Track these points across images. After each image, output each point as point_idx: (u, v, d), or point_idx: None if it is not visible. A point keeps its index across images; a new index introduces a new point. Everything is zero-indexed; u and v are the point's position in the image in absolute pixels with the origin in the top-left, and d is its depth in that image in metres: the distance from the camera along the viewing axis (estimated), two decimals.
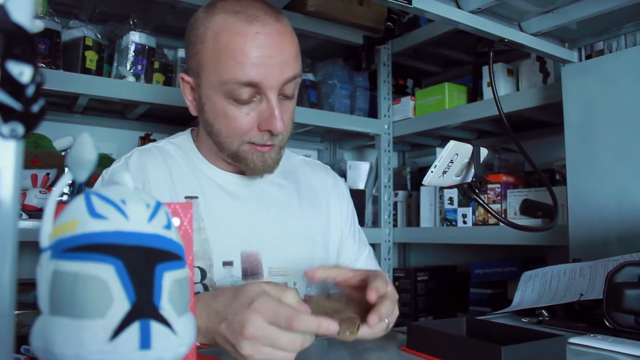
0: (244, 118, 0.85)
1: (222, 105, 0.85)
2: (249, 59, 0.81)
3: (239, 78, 0.82)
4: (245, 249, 0.92)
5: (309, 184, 1.06)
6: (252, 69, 0.81)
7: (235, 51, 0.82)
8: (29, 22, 0.33)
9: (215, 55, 0.83)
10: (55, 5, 1.46)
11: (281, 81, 0.84)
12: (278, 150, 0.91)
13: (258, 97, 0.84)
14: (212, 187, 0.94)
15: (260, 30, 0.82)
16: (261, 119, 0.85)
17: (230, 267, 0.90)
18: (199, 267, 0.88)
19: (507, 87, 1.65)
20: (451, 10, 1.02)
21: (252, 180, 0.98)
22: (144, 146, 0.99)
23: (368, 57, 1.91)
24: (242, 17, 0.83)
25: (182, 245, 0.44)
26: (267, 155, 0.89)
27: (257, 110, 0.85)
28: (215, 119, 0.88)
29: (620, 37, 1.22)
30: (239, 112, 0.85)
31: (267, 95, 0.84)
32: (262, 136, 0.87)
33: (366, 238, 1.14)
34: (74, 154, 0.40)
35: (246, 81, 0.82)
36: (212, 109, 0.87)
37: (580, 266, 1.01)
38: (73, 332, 0.36)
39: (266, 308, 0.59)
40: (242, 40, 0.81)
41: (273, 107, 0.84)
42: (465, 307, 1.89)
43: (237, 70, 0.82)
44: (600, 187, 1.22)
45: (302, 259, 0.96)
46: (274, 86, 0.83)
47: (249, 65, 0.81)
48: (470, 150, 0.89)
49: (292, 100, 0.90)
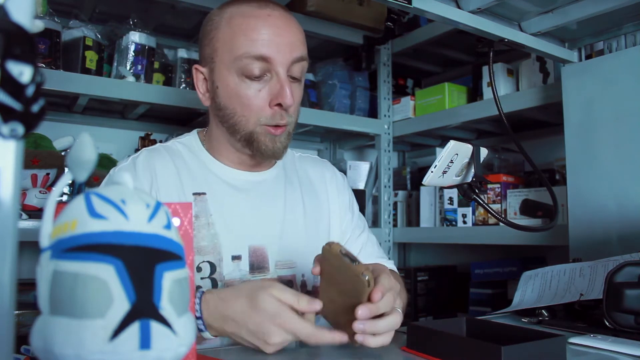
0: (257, 95, 0.89)
1: (235, 83, 0.90)
2: (261, 35, 0.87)
3: (251, 52, 0.87)
4: (253, 243, 0.94)
5: (308, 178, 1.08)
6: (264, 45, 0.87)
7: (248, 30, 0.88)
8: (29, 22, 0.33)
9: (230, 35, 0.89)
10: (55, 5, 1.45)
11: (290, 59, 0.89)
12: (287, 136, 0.94)
13: (269, 74, 0.89)
14: (219, 183, 0.96)
15: (271, 13, 0.89)
16: (272, 94, 0.89)
17: (238, 261, 0.92)
18: (208, 262, 0.90)
19: (507, 87, 1.65)
20: (451, 10, 1.02)
21: (257, 176, 1.00)
22: (152, 146, 1.01)
23: (368, 57, 1.91)
24: (254, 3, 0.90)
25: (182, 245, 0.44)
26: (277, 138, 0.92)
27: (268, 86, 0.90)
28: (229, 100, 0.91)
29: (620, 37, 1.22)
30: (251, 89, 0.89)
31: (277, 71, 0.88)
32: (273, 114, 0.90)
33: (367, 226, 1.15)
34: (74, 154, 0.40)
35: (258, 55, 0.87)
36: (225, 90, 0.91)
37: (580, 266, 1.01)
38: (73, 332, 0.36)
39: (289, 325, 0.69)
40: (254, 21, 0.88)
41: (283, 81, 0.88)
42: (465, 307, 1.89)
43: (250, 46, 0.87)
44: (600, 187, 1.22)
45: (307, 252, 0.97)
46: (284, 62, 0.88)
47: (261, 41, 0.87)
48: (470, 150, 0.89)
49: (300, 84, 0.95)
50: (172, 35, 1.77)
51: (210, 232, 0.91)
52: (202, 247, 0.90)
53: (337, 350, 0.77)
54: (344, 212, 1.09)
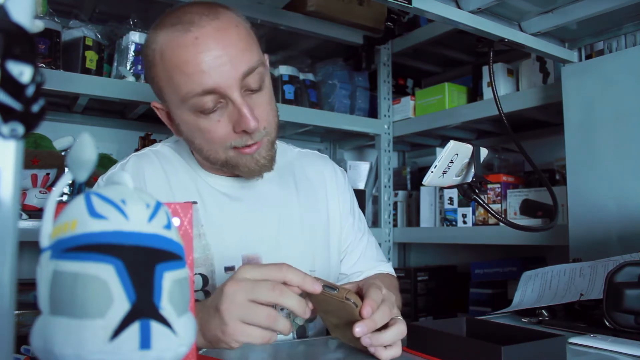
0: (217, 126, 0.82)
1: (192, 120, 0.83)
2: (197, 66, 0.78)
3: (194, 90, 0.79)
4: (246, 253, 0.91)
5: (306, 177, 1.05)
6: (204, 76, 0.78)
7: (181, 64, 0.79)
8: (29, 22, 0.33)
9: (166, 74, 0.82)
10: (55, 5, 1.45)
11: (237, 77, 0.80)
12: (269, 147, 0.88)
13: (222, 101, 0.81)
14: (210, 191, 0.94)
15: (199, 35, 0.78)
16: (233, 121, 0.82)
17: (232, 272, 0.88)
18: (200, 274, 0.87)
19: (507, 87, 1.65)
20: (451, 10, 1.02)
21: (249, 181, 0.96)
22: (141, 151, 0.98)
23: (368, 57, 1.91)
24: (179, 27, 0.79)
25: (182, 245, 0.44)
26: (256, 155, 0.86)
27: (227, 114, 0.82)
28: (193, 136, 0.86)
29: (620, 37, 1.22)
30: (211, 122, 0.82)
31: (229, 96, 0.80)
32: (241, 138, 0.83)
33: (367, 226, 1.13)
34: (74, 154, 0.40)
35: (202, 90, 0.79)
36: (186, 127, 0.86)
37: (580, 266, 1.01)
38: (73, 332, 0.36)
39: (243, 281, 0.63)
40: (184, 52, 0.79)
41: (239, 106, 0.80)
42: (465, 307, 1.89)
43: (190, 83, 0.79)
44: (600, 187, 1.22)
45: (303, 258, 0.96)
46: (233, 85, 0.80)
47: (200, 73, 0.78)
48: (470, 150, 0.89)
49: (263, 92, 0.86)
50: None
51: (202, 243, 0.88)
52: (194, 259, 0.85)
53: (337, 351, 0.78)
54: (345, 215, 1.06)
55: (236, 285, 0.63)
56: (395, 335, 0.68)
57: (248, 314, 0.62)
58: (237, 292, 0.62)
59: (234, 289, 0.63)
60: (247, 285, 0.63)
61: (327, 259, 1.00)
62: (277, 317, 0.61)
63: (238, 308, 0.62)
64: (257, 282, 0.63)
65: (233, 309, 0.62)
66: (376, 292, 0.67)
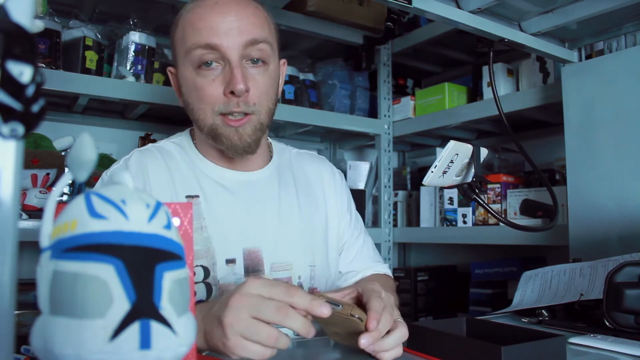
0: (210, 85, 0.87)
1: (192, 77, 0.89)
2: (207, 23, 0.86)
3: (199, 42, 0.86)
4: (247, 246, 0.92)
5: (305, 176, 1.06)
6: (211, 32, 0.85)
7: (195, 20, 0.87)
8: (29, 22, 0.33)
9: (181, 31, 0.89)
10: (55, 5, 1.45)
11: (240, 43, 0.86)
12: (256, 126, 0.90)
13: (222, 62, 0.87)
14: (212, 185, 0.95)
15: (219, 1, 0.87)
16: (225, 82, 0.87)
17: (233, 264, 0.90)
18: (201, 266, 0.88)
19: (507, 87, 1.65)
20: (451, 10, 1.02)
21: (250, 176, 0.98)
22: (144, 147, 0.99)
23: (368, 57, 1.91)
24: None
25: (182, 245, 0.44)
26: (241, 129, 0.88)
27: (222, 75, 0.87)
28: (189, 95, 0.91)
29: (620, 37, 1.22)
30: (206, 80, 0.87)
31: (228, 57, 0.86)
32: (228, 102, 0.87)
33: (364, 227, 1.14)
34: (74, 154, 0.40)
35: (205, 43, 0.85)
36: (186, 86, 0.91)
37: (580, 266, 1.01)
38: (73, 332, 0.36)
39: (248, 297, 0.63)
40: (201, 11, 0.87)
41: (233, 67, 0.85)
42: (465, 307, 1.89)
43: (197, 36, 0.86)
44: (600, 187, 1.22)
45: (303, 253, 0.97)
46: (234, 48, 0.86)
47: (208, 29, 0.86)
48: (470, 150, 0.89)
49: (265, 69, 0.90)
50: None
51: (203, 235, 0.89)
52: (195, 251, 0.88)
53: (337, 351, 0.78)
54: (342, 213, 1.07)
55: (242, 300, 0.62)
56: (398, 339, 0.68)
57: (250, 330, 0.61)
58: (242, 308, 0.62)
59: (239, 304, 0.62)
60: (253, 301, 0.62)
61: (326, 255, 1.01)
62: (279, 336, 0.61)
63: (241, 324, 0.61)
64: (263, 301, 0.62)
65: (236, 324, 0.61)
66: (378, 302, 0.67)
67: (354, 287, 0.74)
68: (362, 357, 0.71)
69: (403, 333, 0.69)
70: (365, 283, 0.76)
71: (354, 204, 1.14)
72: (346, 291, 0.74)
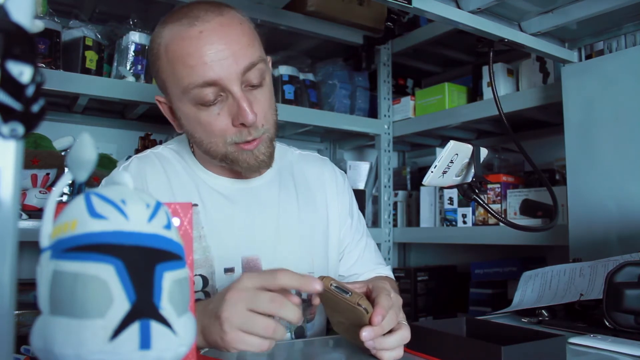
0: (217, 119, 0.84)
1: (193, 113, 0.85)
2: (199, 59, 0.80)
3: (195, 81, 0.81)
4: (245, 254, 0.92)
5: (305, 179, 1.05)
6: (206, 68, 0.80)
7: (184, 56, 0.81)
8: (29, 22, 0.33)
9: (170, 67, 0.84)
10: (55, 5, 1.45)
11: (238, 71, 0.82)
12: (268, 143, 0.89)
13: (223, 94, 0.83)
14: (211, 193, 0.94)
15: (203, 29, 0.81)
16: (232, 115, 0.84)
17: (231, 273, 0.90)
18: (200, 275, 0.88)
19: (507, 87, 1.65)
20: (451, 10, 1.02)
21: (249, 183, 0.97)
22: (142, 153, 0.99)
23: (368, 57, 1.91)
24: (185, 21, 0.82)
25: (182, 245, 0.44)
26: (256, 151, 0.87)
27: (226, 107, 0.84)
28: (194, 129, 0.87)
29: (620, 37, 1.22)
30: (210, 115, 0.84)
31: (229, 89, 0.82)
32: (240, 132, 0.85)
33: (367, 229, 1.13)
34: (74, 154, 0.40)
35: (203, 82, 0.81)
36: (187, 120, 0.87)
37: (580, 266, 1.01)
38: (73, 332, 0.36)
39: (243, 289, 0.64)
40: (187, 44, 0.81)
41: (238, 99, 0.82)
42: (465, 307, 1.89)
43: (192, 75, 0.81)
44: (600, 187, 1.22)
45: (302, 260, 0.96)
46: (233, 78, 0.82)
47: (202, 66, 0.80)
48: (470, 150, 0.89)
49: (263, 88, 0.87)
50: None
51: (202, 245, 0.89)
52: (194, 260, 0.87)
53: (337, 351, 0.78)
54: (343, 217, 1.06)
55: (237, 294, 0.64)
56: (399, 340, 0.69)
57: (247, 323, 0.62)
58: (237, 302, 0.63)
59: (235, 298, 0.63)
60: (248, 294, 0.63)
61: (326, 260, 1.01)
62: (275, 327, 0.62)
63: (238, 317, 0.63)
64: (257, 293, 0.63)
65: (233, 317, 0.63)
66: (386, 299, 0.68)
67: (364, 283, 0.75)
68: (362, 357, 0.71)
69: (405, 335, 0.70)
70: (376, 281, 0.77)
71: (356, 204, 1.13)
72: (357, 285, 0.74)
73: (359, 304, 0.66)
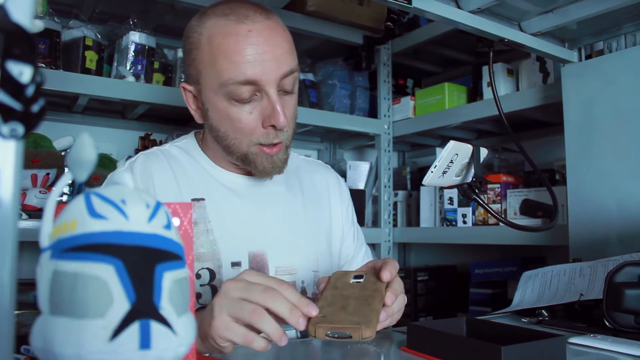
0: (248, 117, 0.85)
1: (225, 107, 0.86)
2: (244, 57, 0.82)
3: (236, 78, 0.82)
4: (252, 249, 0.93)
5: (311, 182, 1.07)
6: (249, 67, 0.82)
7: (229, 51, 0.83)
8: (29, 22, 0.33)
9: (211, 58, 0.84)
10: (55, 5, 1.45)
11: (278, 76, 0.84)
12: (285, 150, 0.91)
13: (258, 94, 0.85)
14: (219, 188, 0.95)
15: (252, 28, 0.83)
16: (264, 115, 0.85)
17: (238, 267, 0.91)
18: (207, 269, 0.89)
19: (507, 87, 1.65)
20: (451, 10, 1.02)
21: (258, 181, 0.98)
22: (149, 150, 0.99)
23: (368, 57, 1.91)
24: (233, 17, 0.84)
25: (182, 245, 0.44)
26: (275, 157, 0.89)
27: (259, 107, 0.86)
28: (220, 123, 0.88)
29: (620, 37, 1.22)
30: (242, 112, 0.85)
31: (266, 91, 0.84)
32: (267, 134, 0.87)
33: (364, 238, 1.15)
34: (74, 154, 0.40)
35: (244, 80, 0.82)
36: (216, 113, 0.88)
37: (580, 266, 1.01)
38: (73, 332, 0.36)
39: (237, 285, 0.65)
40: (234, 40, 0.82)
41: (274, 102, 0.84)
42: (465, 307, 1.89)
43: (234, 70, 0.82)
44: (600, 187, 1.22)
45: (307, 258, 0.97)
46: (272, 81, 0.84)
47: (245, 64, 0.82)
48: (470, 150, 0.89)
49: (293, 95, 0.90)
50: (172, 35, 1.77)
51: (209, 238, 0.90)
52: (201, 253, 0.88)
53: (337, 351, 0.78)
54: (347, 225, 1.08)
55: (234, 284, 0.65)
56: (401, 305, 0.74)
57: (235, 307, 0.63)
58: (231, 289, 0.65)
59: (230, 287, 0.65)
60: (244, 284, 0.65)
61: (329, 261, 1.02)
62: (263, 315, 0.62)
63: (228, 302, 0.64)
64: (253, 284, 0.65)
65: (224, 302, 0.64)
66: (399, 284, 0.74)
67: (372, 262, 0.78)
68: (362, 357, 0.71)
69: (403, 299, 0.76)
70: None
71: (355, 215, 1.15)
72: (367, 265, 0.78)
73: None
